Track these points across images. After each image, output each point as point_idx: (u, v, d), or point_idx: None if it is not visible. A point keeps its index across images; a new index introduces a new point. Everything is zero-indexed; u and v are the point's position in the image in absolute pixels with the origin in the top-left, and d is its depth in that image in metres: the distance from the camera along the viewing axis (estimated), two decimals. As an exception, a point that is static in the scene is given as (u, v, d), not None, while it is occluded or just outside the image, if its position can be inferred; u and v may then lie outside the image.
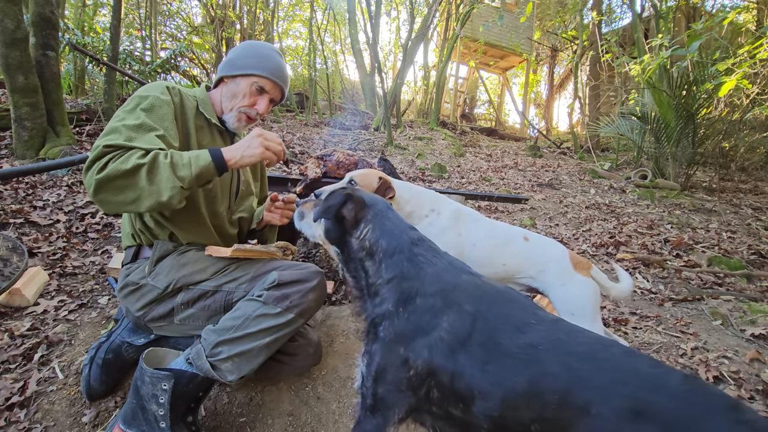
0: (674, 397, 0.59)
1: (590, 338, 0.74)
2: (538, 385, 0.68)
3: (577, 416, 0.63)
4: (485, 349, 0.75)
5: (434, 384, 0.78)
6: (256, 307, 1.09)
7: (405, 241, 0.94)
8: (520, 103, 14.24)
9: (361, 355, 0.91)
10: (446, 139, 8.50)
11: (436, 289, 0.84)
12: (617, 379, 0.63)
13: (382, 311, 0.87)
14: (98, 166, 0.96)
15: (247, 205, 1.48)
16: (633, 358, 0.67)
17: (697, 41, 2.94)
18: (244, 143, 1.09)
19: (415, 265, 0.89)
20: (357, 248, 0.96)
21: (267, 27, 10.15)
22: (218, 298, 1.17)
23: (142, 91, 1.17)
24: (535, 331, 0.75)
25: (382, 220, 0.97)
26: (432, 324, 0.80)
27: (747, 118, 5.97)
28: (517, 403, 0.69)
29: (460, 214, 1.54)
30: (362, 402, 0.89)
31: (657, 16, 7.60)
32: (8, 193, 2.57)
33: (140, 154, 0.98)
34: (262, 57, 1.30)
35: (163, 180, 0.97)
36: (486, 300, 0.82)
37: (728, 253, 3.33)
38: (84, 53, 4.37)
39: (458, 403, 0.76)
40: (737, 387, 1.64)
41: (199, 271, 1.19)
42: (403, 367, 0.81)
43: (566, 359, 0.69)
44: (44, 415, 1.21)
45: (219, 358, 1.07)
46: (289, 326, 1.11)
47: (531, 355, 0.71)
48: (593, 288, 1.41)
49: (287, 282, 1.12)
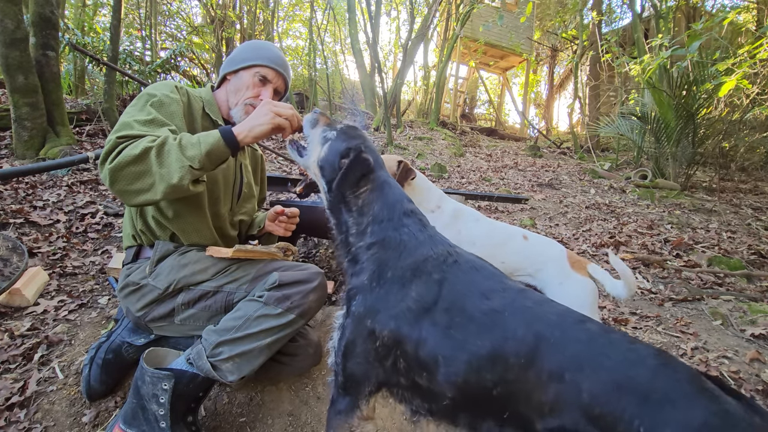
0: (652, 371, 0.60)
1: (560, 309, 0.74)
2: (501, 349, 0.69)
3: (547, 381, 0.64)
4: (449, 315, 0.75)
5: (400, 353, 0.79)
6: (257, 307, 1.09)
7: (398, 210, 0.93)
8: (520, 103, 14.24)
9: (336, 329, 0.92)
10: (446, 139, 8.50)
11: (409, 262, 0.84)
12: (597, 352, 0.64)
13: (358, 283, 0.88)
14: (112, 156, 0.95)
15: (248, 208, 1.48)
16: (611, 333, 0.69)
17: (697, 41, 2.94)
18: (253, 116, 1.06)
19: (398, 236, 0.89)
20: (349, 200, 0.94)
21: (267, 27, 10.15)
22: (219, 299, 1.17)
23: (151, 89, 1.17)
24: (501, 298, 0.75)
25: (383, 185, 0.96)
26: (400, 296, 0.81)
27: (747, 118, 5.97)
28: (480, 367, 0.70)
29: (461, 213, 1.56)
30: (335, 380, 0.90)
31: (657, 16, 7.61)
32: (8, 193, 2.57)
33: (150, 138, 0.97)
34: (261, 48, 1.34)
35: (173, 161, 0.95)
36: (454, 268, 0.82)
37: (728, 253, 3.33)
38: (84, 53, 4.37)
39: (423, 372, 0.77)
40: (737, 387, 1.64)
41: (200, 272, 1.19)
42: (369, 339, 0.82)
43: (534, 325, 0.69)
44: (44, 415, 1.21)
45: (220, 359, 1.07)
46: (290, 327, 1.11)
47: (495, 319, 0.72)
48: (590, 287, 1.42)
49: (288, 283, 1.12)
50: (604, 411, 0.58)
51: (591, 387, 0.61)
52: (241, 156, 1.42)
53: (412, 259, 0.85)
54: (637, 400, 0.58)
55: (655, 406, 0.57)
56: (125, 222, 1.30)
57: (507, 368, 0.67)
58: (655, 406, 0.57)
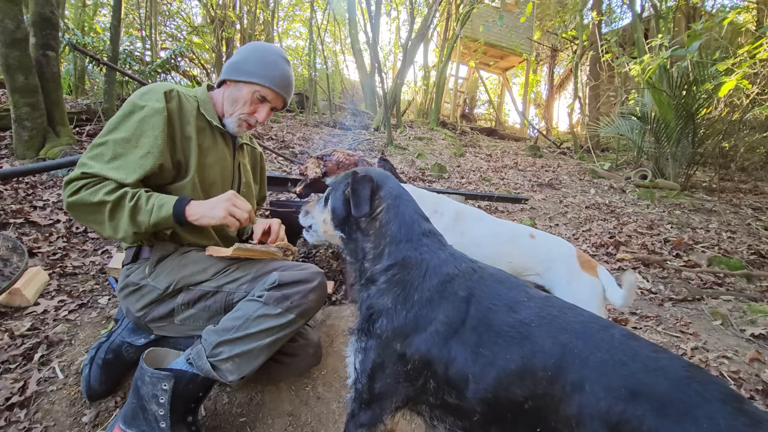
0: (673, 382, 0.58)
1: (585, 316, 0.73)
2: (530, 362, 0.68)
3: (570, 392, 0.63)
4: (477, 333, 0.75)
5: (431, 374, 0.78)
6: (257, 307, 1.09)
7: (415, 230, 0.92)
8: (520, 103, 14.24)
9: (353, 351, 0.90)
10: (446, 139, 8.50)
11: (435, 283, 0.83)
12: (616, 360, 0.63)
13: (380, 306, 0.86)
14: (72, 189, 1.06)
15: None
16: (633, 341, 0.67)
17: (697, 41, 2.94)
18: (212, 203, 1.13)
19: (419, 256, 0.88)
20: (366, 226, 0.94)
21: (267, 27, 10.15)
22: (219, 299, 1.17)
23: (137, 98, 1.15)
24: (526, 309, 0.75)
25: (397, 202, 0.95)
26: (429, 318, 0.80)
27: (747, 118, 5.97)
28: (509, 382, 0.69)
29: (463, 214, 1.52)
30: (356, 396, 0.88)
31: (657, 16, 7.61)
32: (8, 193, 2.57)
33: (109, 189, 1.06)
34: (267, 64, 1.27)
35: (122, 221, 1.07)
36: (479, 284, 0.82)
37: (728, 253, 3.33)
38: (84, 53, 4.37)
39: (452, 390, 0.76)
40: (737, 387, 1.64)
41: (199, 272, 1.19)
42: (400, 362, 0.81)
43: (558, 335, 0.69)
44: (44, 415, 1.21)
45: (219, 359, 1.07)
46: (290, 327, 1.11)
47: (522, 332, 0.71)
48: (599, 287, 1.39)
49: (288, 282, 1.12)
50: (620, 419, 0.57)
51: (606, 395, 0.59)
52: (240, 155, 1.42)
53: (437, 279, 0.84)
54: (654, 411, 0.55)
55: (675, 420, 0.54)
56: None
57: (536, 382, 0.66)
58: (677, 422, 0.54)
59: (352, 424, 0.88)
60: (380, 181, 0.97)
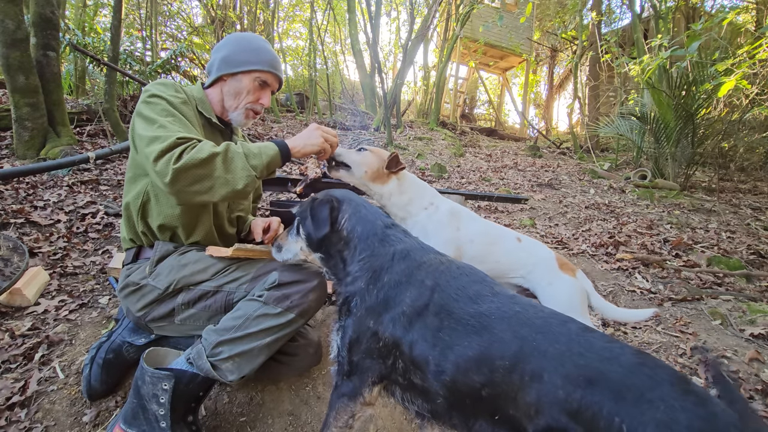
0: (626, 368, 0.61)
1: (546, 312, 0.77)
2: (487, 351, 0.72)
3: (529, 382, 0.66)
4: (439, 318, 0.79)
5: (398, 354, 0.84)
6: (257, 307, 1.09)
7: (378, 225, 1.00)
8: (520, 103, 14.24)
9: (335, 330, 0.97)
10: (446, 139, 8.50)
11: (403, 267, 0.89)
12: (573, 351, 0.66)
13: (355, 289, 0.93)
14: (173, 156, 0.96)
15: (245, 204, 1.49)
16: (588, 333, 0.70)
17: (697, 41, 2.94)
18: (305, 134, 1.18)
19: (386, 245, 0.95)
20: (335, 240, 1.02)
21: (267, 27, 10.15)
22: (219, 299, 1.18)
23: (157, 90, 1.14)
24: (488, 302, 0.79)
25: (358, 209, 1.03)
26: (397, 300, 0.86)
27: (746, 119, 5.98)
28: (467, 368, 0.73)
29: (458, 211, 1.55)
30: (338, 369, 0.95)
31: (656, 16, 7.62)
32: (9, 193, 2.58)
33: (211, 143, 1.03)
34: (258, 50, 1.31)
35: (239, 168, 1.03)
36: (445, 274, 0.87)
37: (727, 253, 3.34)
38: (84, 53, 4.38)
39: (417, 371, 0.81)
40: (737, 387, 1.65)
41: (199, 272, 1.19)
42: (373, 339, 0.87)
43: (518, 329, 0.72)
44: (45, 414, 1.21)
45: (220, 358, 1.07)
46: (290, 326, 1.12)
47: (482, 323, 0.75)
48: (578, 286, 1.44)
49: (288, 282, 1.12)
50: (580, 406, 0.60)
51: (564, 383, 0.62)
52: None
53: (405, 264, 0.90)
54: (612, 397, 0.58)
55: (633, 404, 0.57)
56: (123, 225, 1.30)
57: (493, 370, 0.70)
58: (634, 405, 0.57)
59: (335, 395, 0.96)
60: (341, 198, 1.06)
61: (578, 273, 1.49)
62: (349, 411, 0.92)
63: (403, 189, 1.47)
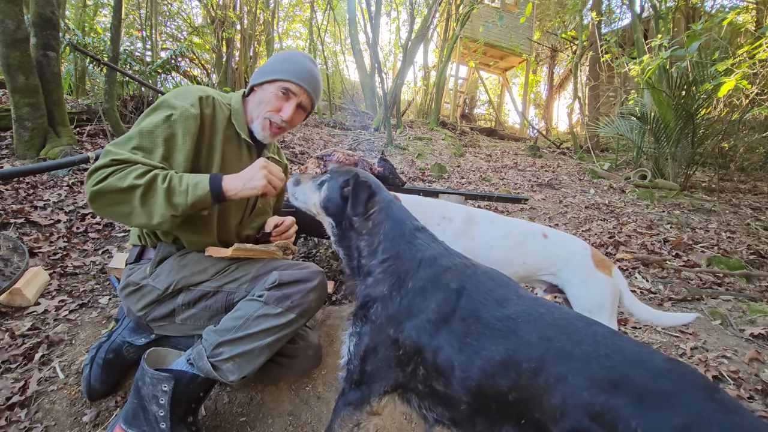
0: (652, 373, 0.61)
1: (571, 314, 0.76)
2: (514, 354, 0.71)
3: (554, 384, 0.65)
4: (466, 323, 0.78)
5: (420, 361, 0.81)
6: (257, 307, 1.09)
7: (408, 227, 0.97)
8: (520, 103, 14.24)
9: (348, 335, 0.94)
10: (446, 139, 8.50)
11: (429, 273, 0.87)
12: (600, 353, 0.65)
13: (376, 294, 0.90)
14: (98, 177, 0.97)
15: (258, 222, 1.44)
16: (617, 337, 0.70)
17: (697, 41, 2.94)
18: (248, 175, 1.06)
19: (413, 248, 0.92)
20: (360, 225, 0.98)
21: (267, 27, 10.16)
22: (219, 299, 1.18)
23: (172, 98, 1.12)
24: (514, 305, 0.78)
25: (390, 204, 1.00)
26: (421, 307, 0.83)
27: (746, 119, 5.98)
28: (494, 372, 0.72)
29: (473, 217, 1.49)
30: (348, 376, 0.92)
31: (656, 16, 7.62)
32: (9, 193, 2.58)
33: (139, 172, 0.98)
34: (290, 61, 1.27)
35: (157, 204, 0.98)
36: (471, 279, 0.85)
37: (727, 253, 3.34)
38: (84, 53, 4.38)
39: (440, 378, 0.79)
40: (736, 387, 1.65)
41: (199, 272, 1.19)
42: (392, 347, 0.84)
43: (544, 331, 0.71)
44: (45, 414, 1.21)
45: (220, 359, 1.07)
46: (291, 326, 1.11)
47: (509, 326, 0.74)
48: (613, 286, 1.37)
49: (288, 282, 1.12)
50: (602, 409, 0.59)
51: (589, 385, 0.62)
52: None
53: (431, 270, 0.87)
54: (632, 400, 0.58)
55: (652, 408, 0.56)
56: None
57: (520, 373, 0.69)
58: (653, 408, 0.56)
59: (341, 401, 0.93)
60: (376, 188, 1.04)
61: (614, 271, 1.42)
62: (355, 420, 0.90)
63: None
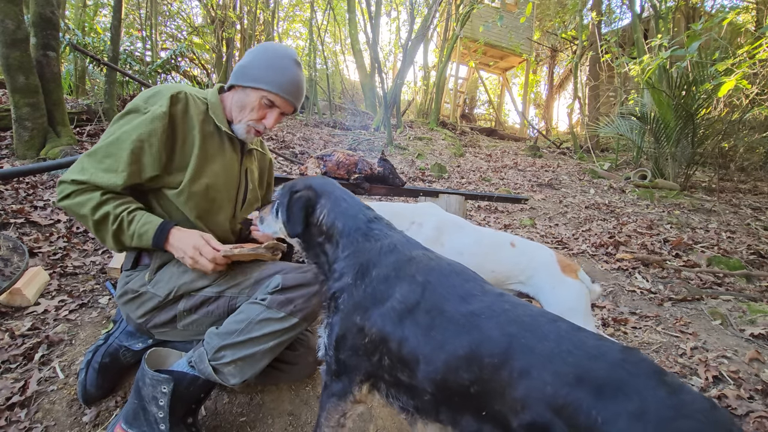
0: (609, 364, 0.64)
1: (535, 311, 0.78)
2: (477, 349, 0.72)
3: (517, 378, 0.67)
4: (430, 316, 0.79)
5: (385, 351, 0.83)
6: (260, 311, 1.08)
7: (361, 219, 0.98)
8: (520, 103, 14.24)
9: (323, 327, 0.96)
10: (446, 139, 8.50)
11: (391, 261, 0.88)
12: (563, 348, 0.68)
13: (342, 285, 0.92)
14: (62, 193, 1.09)
15: (251, 212, 1.43)
16: (579, 332, 0.72)
17: (697, 41, 2.94)
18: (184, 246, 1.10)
19: (371, 240, 0.94)
20: (315, 233, 1.01)
21: (267, 27, 10.16)
22: (221, 304, 1.16)
23: (141, 100, 1.14)
24: (478, 301, 0.79)
25: (338, 202, 1.02)
26: (386, 294, 0.85)
27: (746, 119, 5.98)
28: (457, 366, 0.73)
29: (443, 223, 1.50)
30: (327, 368, 0.94)
31: (656, 16, 7.62)
32: (9, 193, 2.58)
33: (92, 205, 1.06)
34: (276, 69, 1.22)
35: (106, 238, 1.11)
36: (436, 271, 0.86)
37: (727, 253, 3.33)
38: (84, 53, 4.38)
39: (405, 369, 0.81)
40: (737, 387, 1.65)
41: (200, 278, 1.17)
42: (359, 335, 0.86)
43: (508, 327, 0.73)
44: (45, 414, 1.21)
45: (222, 362, 1.06)
46: (293, 330, 1.11)
47: (473, 321, 0.76)
48: (582, 290, 1.42)
49: (291, 286, 1.10)
50: (565, 402, 0.62)
51: (553, 380, 0.64)
52: (248, 160, 1.37)
53: (394, 257, 0.89)
54: (593, 392, 0.61)
55: (610, 397, 0.60)
56: None
57: (482, 368, 0.71)
58: (610, 398, 0.59)
59: (325, 394, 0.95)
60: (319, 190, 1.04)
61: (580, 273, 1.47)
62: (340, 410, 0.92)
63: None
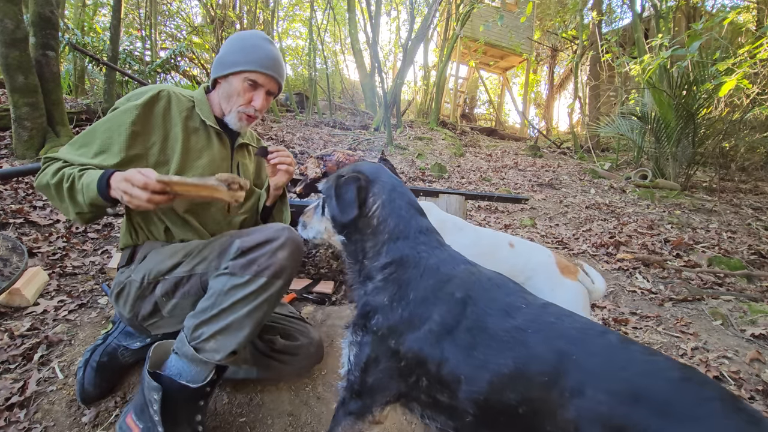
0: (671, 383, 0.59)
1: (581, 323, 0.73)
2: (524, 367, 0.68)
3: (569, 397, 0.63)
4: (472, 334, 0.75)
5: (423, 373, 0.79)
6: (225, 281, 1.05)
7: (413, 227, 0.91)
8: (520, 103, 14.24)
9: (348, 344, 0.90)
10: (446, 139, 8.50)
11: (432, 283, 0.83)
12: (615, 364, 0.64)
13: (376, 303, 0.86)
14: (38, 174, 1.08)
15: (248, 206, 1.42)
16: (630, 345, 0.68)
17: (697, 41, 2.94)
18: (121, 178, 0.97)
19: (416, 254, 0.87)
20: (364, 226, 0.93)
21: (267, 27, 10.14)
22: (194, 283, 1.14)
23: (124, 99, 1.18)
24: (523, 315, 0.75)
25: (392, 196, 0.94)
26: (424, 317, 0.80)
27: (747, 118, 5.97)
28: (503, 386, 0.69)
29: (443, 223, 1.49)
30: (348, 386, 0.89)
31: (657, 16, 7.61)
32: (8, 193, 2.57)
33: (54, 169, 1.05)
34: (249, 49, 1.23)
35: (66, 202, 1.05)
36: (476, 286, 0.81)
37: (728, 253, 3.33)
38: (84, 53, 4.38)
39: (445, 390, 0.76)
40: (737, 387, 1.64)
41: (169, 257, 1.15)
42: (393, 359, 0.81)
43: (556, 342, 0.69)
44: (44, 415, 1.21)
45: (201, 340, 1.04)
46: (266, 291, 1.06)
47: (517, 337, 0.71)
48: (582, 291, 1.41)
49: (250, 247, 1.07)
50: (623, 423, 0.57)
51: (609, 399, 0.60)
52: (240, 155, 1.38)
53: (434, 279, 0.83)
54: (656, 413, 0.56)
55: (676, 420, 0.55)
56: (123, 220, 1.29)
57: (530, 387, 0.67)
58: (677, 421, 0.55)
59: (341, 411, 0.90)
60: (372, 176, 0.95)
61: (580, 275, 1.46)
62: (357, 429, 0.88)
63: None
